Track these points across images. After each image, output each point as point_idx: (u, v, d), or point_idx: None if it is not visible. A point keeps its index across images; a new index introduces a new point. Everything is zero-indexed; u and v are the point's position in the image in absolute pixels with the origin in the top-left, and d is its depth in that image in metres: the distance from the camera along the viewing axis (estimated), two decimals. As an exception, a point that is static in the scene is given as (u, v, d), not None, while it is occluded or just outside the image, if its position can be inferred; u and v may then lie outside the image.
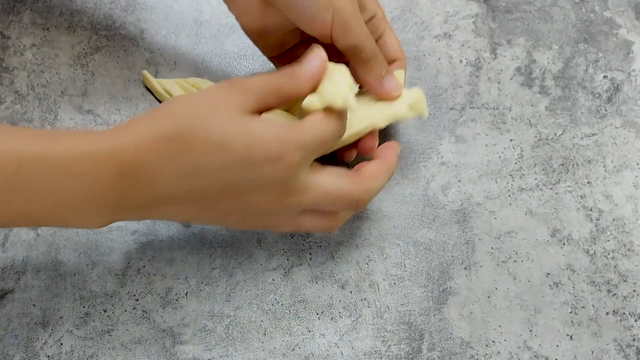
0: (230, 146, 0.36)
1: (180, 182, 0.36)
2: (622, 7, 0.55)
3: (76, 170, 0.35)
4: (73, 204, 0.36)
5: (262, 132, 0.36)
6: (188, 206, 0.38)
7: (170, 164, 0.36)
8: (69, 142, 0.35)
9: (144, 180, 0.36)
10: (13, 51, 0.51)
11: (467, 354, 0.44)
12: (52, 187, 0.35)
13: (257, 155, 0.36)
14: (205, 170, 0.36)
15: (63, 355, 0.43)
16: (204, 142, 0.36)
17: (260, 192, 0.37)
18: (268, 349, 0.43)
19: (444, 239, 0.47)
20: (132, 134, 0.36)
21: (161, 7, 0.54)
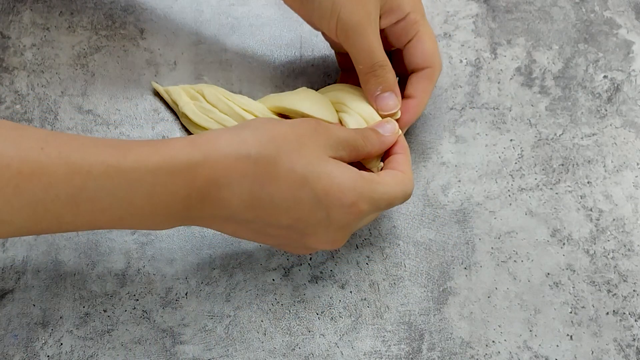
0: (311, 185, 0.36)
1: (253, 206, 0.36)
2: (622, 7, 0.55)
3: (147, 183, 0.34)
4: (141, 215, 0.35)
5: (343, 178, 0.37)
6: (248, 230, 0.38)
7: (248, 186, 0.35)
8: (140, 154, 0.35)
9: (217, 196, 0.35)
10: (13, 51, 0.51)
11: (467, 354, 0.44)
12: (121, 200, 0.34)
13: (333, 198, 0.37)
14: (282, 201, 0.36)
15: (63, 355, 0.43)
16: (288, 173, 0.36)
17: (322, 235, 0.38)
18: (268, 349, 0.43)
19: (444, 239, 0.47)
20: (212, 149, 0.35)
21: (161, 7, 0.54)
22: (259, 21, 0.54)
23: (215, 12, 0.54)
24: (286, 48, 0.53)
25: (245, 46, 0.53)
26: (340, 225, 0.38)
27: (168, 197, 0.35)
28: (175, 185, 0.35)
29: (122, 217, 0.35)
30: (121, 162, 0.34)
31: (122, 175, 0.34)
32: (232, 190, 0.35)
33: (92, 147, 0.34)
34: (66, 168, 0.33)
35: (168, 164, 0.34)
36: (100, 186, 0.34)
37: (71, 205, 0.34)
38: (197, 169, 0.35)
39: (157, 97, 0.50)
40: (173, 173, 0.34)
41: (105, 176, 0.34)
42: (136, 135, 0.49)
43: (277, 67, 0.52)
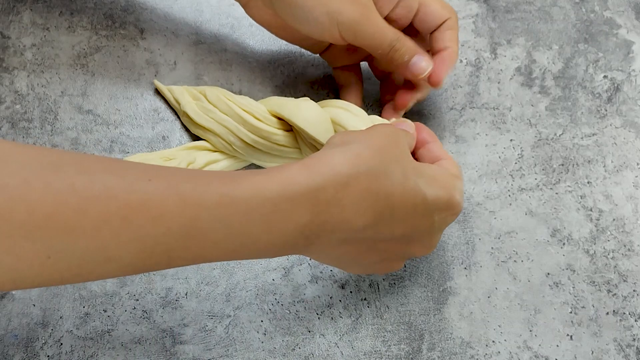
0: (423, 192, 0.36)
1: (375, 222, 0.35)
2: (622, 7, 0.55)
3: (266, 212, 0.32)
4: (255, 246, 0.33)
5: (446, 180, 0.38)
6: (360, 248, 0.37)
7: (370, 203, 0.35)
8: (254, 182, 0.33)
9: (339, 218, 0.34)
10: (13, 51, 0.51)
11: (467, 354, 0.44)
12: (236, 231, 0.32)
13: (442, 202, 0.37)
14: (400, 211, 0.36)
15: (63, 355, 0.43)
16: (403, 182, 0.36)
17: (427, 237, 0.39)
18: (268, 349, 0.43)
19: (444, 239, 0.47)
20: (329, 171, 0.34)
21: (161, 7, 0.54)
22: (259, 21, 0.54)
23: (215, 12, 0.54)
24: (286, 48, 0.53)
25: (245, 46, 0.53)
26: (442, 226, 0.39)
27: (288, 225, 0.33)
28: (296, 213, 0.33)
29: (236, 250, 0.33)
30: (235, 190, 0.32)
31: (238, 204, 0.32)
32: (355, 210, 0.34)
33: (202, 178, 0.33)
34: (176, 198, 0.31)
35: (287, 191, 0.33)
36: (214, 217, 0.31)
37: (183, 239, 0.31)
38: (318, 193, 0.33)
39: (157, 97, 0.50)
40: (293, 200, 0.33)
41: (219, 206, 0.31)
42: (136, 135, 0.49)
43: (277, 67, 0.52)
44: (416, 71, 0.45)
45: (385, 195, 0.35)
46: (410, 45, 0.45)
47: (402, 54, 0.45)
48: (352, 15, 0.43)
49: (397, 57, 0.45)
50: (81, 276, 0.31)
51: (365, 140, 0.36)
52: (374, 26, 0.44)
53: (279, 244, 0.34)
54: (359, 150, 0.35)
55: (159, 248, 0.31)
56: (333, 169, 0.34)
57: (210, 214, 0.31)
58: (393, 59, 0.45)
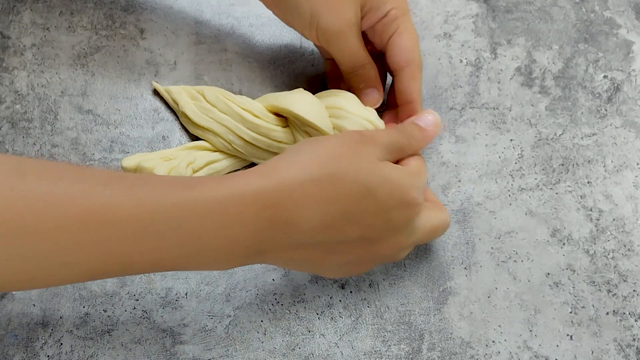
0: (375, 192, 0.37)
1: (324, 225, 0.36)
2: (622, 7, 0.55)
3: (216, 214, 0.34)
4: (209, 251, 0.35)
5: (400, 178, 0.38)
6: (318, 252, 0.38)
7: (317, 207, 0.35)
8: (207, 186, 0.34)
9: (288, 221, 0.35)
10: (13, 51, 0.51)
11: (467, 354, 0.44)
12: (189, 234, 0.33)
13: (396, 200, 0.38)
14: (350, 214, 0.36)
15: (63, 355, 0.43)
16: (353, 186, 0.36)
17: (389, 237, 0.39)
18: (268, 349, 0.43)
19: (444, 239, 0.47)
20: (278, 176, 0.35)
21: (161, 7, 0.54)
22: (259, 21, 0.54)
23: (215, 12, 0.54)
24: (286, 48, 0.53)
25: (245, 46, 0.53)
26: (403, 224, 0.39)
27: (238, 228, 0.34)
28: (245, 215, 0.34)
29: (190, 255, 0.34)
30: (188, 195, 0.33)
31: (190, 207, 0.33)
32: (302, 214, 0.35)
33: (159, 183, 0.34)
34: (133, 203, 0.32)
35: (237, 193, 0.34)
36: (167, 219, 0.33)
37: (138, 243, 0.32)
38: (266, 197, 0.34)
39: (157, 97, 0.50)
40: (243, 202, 0.34)
41: (172, 209, 0.33)
42: (136, 135, 0.49)
43: (277, 67, 0.52)
44: (367, 101, 0.47)
45: (334, 201, 0.36)
46: (372, 75, 0.47)
47: (361, 80, 0.46)
48: (333, 27, 0.44)
49: (354, 81, 0.47)
50: (40, 280, 0.33)
51: (317, 149, 0.37)
52: (349, 45, 0.45)
53: (231, 249, 0.35)
54: (308, 159, 0.36)
55: (116, 252, 0.32)
56: (280, 175, 0.35)
57: (164, 217, 0.33)
58: (351, 81, 0.47)
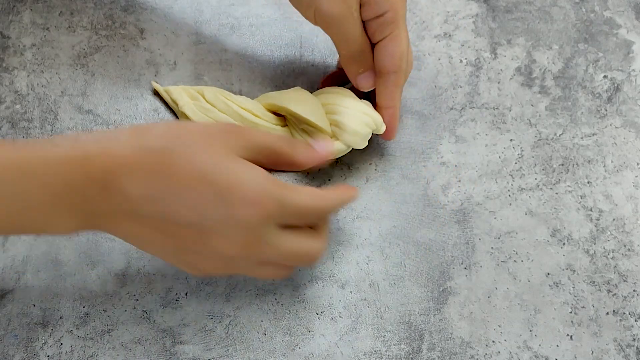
0: (211, 179, 0.35)
1: (152, 198, 0.35)
2: (622, 7, 0.55)
3: (41, 173, 0.34)
4: (40, 207, 0.35)
5: (248, 175, 0.36)
6: (151, 229, 0.36)
7: (145, 178, 0.35)
8: (36, 147, 0.35)
9: (115, 187, 0.35)
10: (13, 51, 0.51)
11: (467, 354, 0.44)
12: (17, 191, 0.34)
13: (236, 195, 0.36)
14: (180, 195, 0.35)
15: (63, 355, 0.43)
16: (187, 166, 0.35)
17: (227, 235, 0.36)
18: (268, 349, 0.43)
19: (444, 239, 0.47)
20: (112, 142, 0.35)
21: (161, 7, 0.54)
22: (259, 21, 0.54)
23: (215, 12, 0.54)
24: (286, 48, 0.53)
25: (245, 46, 0.53)
26: (246, 225, 0.36)
27: (64, 187, 0.34)
28: (70, 174, 0.34)
29: (21, 212, 0.35)
30: (15, 154, 0.34)
31: (16, 165, 0.34)
32: (130, 181, 0.35)
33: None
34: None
35: (63, 153, 0.34)
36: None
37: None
38: (93, 159, 0.35)
39: (157, 97, 0.50)
40: (69, 161, 0.34)
41: (1, 167, 0.34)
42: (136, 135, 0.49)
43: (277, 67, 0.52)
44: (363, 84, 0.46)
45: (163, 175, 0.35)
46: (370, 60, 0.46)
47: (359, 66, 0.46)
48: (332, 10, 0.43)
49: (354, 66, 0.46)
50: None
51: (172, 125, 0.38)
52: (348, 29, 0.44)
53: (62, 209, 0.35)
54: (152, 130, 0.37)
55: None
56: (115, 141, 0.36)
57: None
58: (350, 66, 0.46)
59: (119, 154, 0.35)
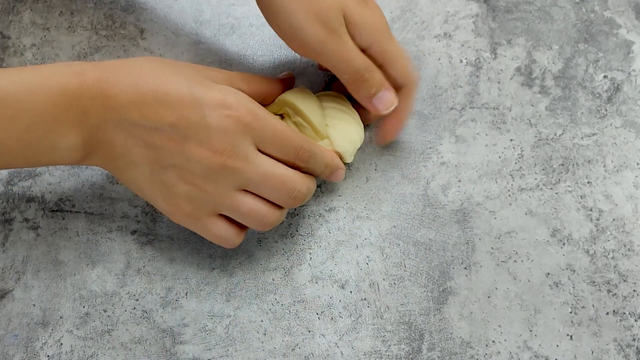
0: (190, 84, 0.38)
1: (137, 102, 0.38)
2: (622, 7, 0.55)
3: (46, 85, 0.37)
4: (45, 121, 0.37)
5: (228, 88, 0.39)
6: (135, 140, 0.38)
7: (134, 84, 0.38)
8: (37, 68, 0.38)
9: (107, 93, 0.38)
10: (13, 51, 0.51)
11: (467, 354, 0.44)
12: (25, 107, 0.37)
13: (211, 97, 0.38)
14: (162, 98, 0.38)
15: (63, 355, 0.43)
16: (171, 76, 0.38)
17: (203, 139, 0.38)
18: (268, 349, 0.43)
19: (444, 239, 0.47)
20: (107, 62, 0.39)
21: (161, 7, 0.54)
22: (259, 21, 0.54)
23: (215, 12, 0.54)
24: (286, 48, 0.53)
25: (245, 46, 0.53)
26: (222, 130, 0.38)
27: (64, 97, 0.37)
28: (68, 84, 0.37)
29: (29, 130, 0.37)
30: (17, 76, 0.37)
31: (20, 85, 0.37)
32: (121, 87, 0.38)
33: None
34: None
35: (61, 69, 0.38)
36: (4, 92, 0.36)
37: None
38: (87, 71, 0.38)
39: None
40: (67, 74, 0.38)
41: (4, 90, 0.36)
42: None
43: (277, 67, 0.52)
44: (382, 105, 0.45)
45: (150, 79, 0.38)
46: (379, 77, 0.44)
47: (371, 85, 0.44)
48: (317, 37, 0.42)
49: (363, 87, 0.44)
50: None
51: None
52: (341, 51, 0.42)
53: (62, 120, 0.37)
54: (141, 58, 0.40)
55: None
56: (107, 62, 0.39)
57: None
58: (359, 89, 0.44)
59: (110, 66, 0.39)
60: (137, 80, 0.38)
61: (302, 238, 0.47)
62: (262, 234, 0.47)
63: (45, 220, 0.47)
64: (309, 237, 0.47)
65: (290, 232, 0.47)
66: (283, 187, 0.40)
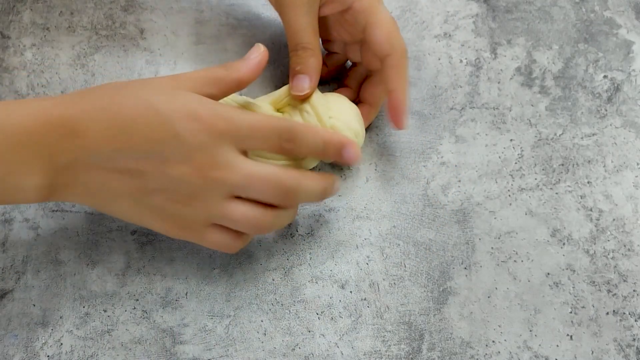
0: (157, 105, 0.37)
1: (107, 135, 0.36)
2: (622, 7, 0.55)
3: (6, 124, 0.36)
4: (4, 157, 0.36)
5: (189, 96, 0.38)
6: (113, 173, 0.37)
7: (99, 118, 0.36)
8: (2, 105, 0.37)
9: (73, 131, 0.36)
10: (13, 51, 0.51)
11: (467, 354, 0.44)
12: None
13: (180, 113, 0.37)
14: (131, 127, 0.36)
15: (63, 355, 0.43)
16: (134, 99, 0.37)
17: (182, 158, 0.37)
18: (268, 349, 0.43)
19: (444, 239, 0.47)
20: (65, 96, 0.38)
21: (161, 7, 0.54)
22: (259, 21, 0.54)
23: (215, 12, 0.54)
24: (286, 48, 0.53)
25: (245, 46, 0.53)
26: (198, 144, 0.37)
27: (27, 136, 0.36)
28: (31, 123, 0.36)
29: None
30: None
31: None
32: (88, 122, 0.36)
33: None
34: None
35: (22, 108, 0.36)
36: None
37: None
38: (51, 108, 0.36)
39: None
40: (29, 113, 0.36)
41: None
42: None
43: (277, 67, 0.52)
44: (295, 86, 0.45)
45: (117, 109, 0.36)
46: (311, 63, 0.44)
47: (298, 62, 0.45)
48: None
49: (292, 61, 0.45)
50: None
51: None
52: (297, 19, 0.44)
53: (27, 160, 0.36)
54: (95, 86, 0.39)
55: None
56: (68, 95, 0.38)
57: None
58: (291, 59, 0.45)
59: (73, 100, 0.37)
60: (102, 113, 0.36)
61: (302, 238, 0.47)
62: (262, 234, 0.47)
63: (45, 220, 0.47)
64: (309, 237, 0.47)
65: (290, 232, 0.47)
66: (269, 184, 0.38)
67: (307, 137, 0.40)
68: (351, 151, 0.41)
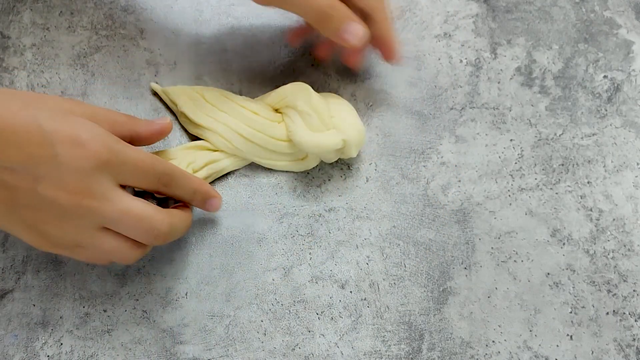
0: (41, 122, 0.35)
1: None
2: (622, 7, 0.55)
3: None
4: None
5: (79, 122, 0.37)
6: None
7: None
8: None
9: None
10: (13, 51, 0.51)
11: (467, 354, 0.44)
12: None
13: (63, 135, 0.36)
14: (9, 137, 0.35)
15: (63, 355, 0.43)
16: (22, 109, 0.35)
17: (56, 180, 0.36)
18: (268, 349, 0.43)
19: (444, 239, 0.47)
20: None
21: (161, 7, 0.54)
22: (259, 21, 0.54)
23: (215, 12, 0.54)
24: (286, 48, 0.53)
25: (245, 46, 0.53)
26: (75, 168, 0.36)
27: None
28: None
29: None
30: None
31: None
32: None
33: None
34: None
35: None
36: None
37: None
38: None
39: (157, 98, 0.50)
40: None
41: None
42: (136, 135, 0.49)
43: (277, 67, 0.52)
44: (352, 37, 0.43)
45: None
46: (344, 11, 0.43)
47: (336, 20, 0.43)
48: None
49: (330, 24, 0.43)
50: None
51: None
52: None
53: None
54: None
55: None
56: None
57: None
58: (326, 26, 0.43)
59: None
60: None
61: (302, 238, 0.47)
62: (262, 234, 0.47)
63: (45, 220, 0.47)
64: (309, 237, 0.47)
65: (290, 232, 0.47)
66: (141, 225, 0.38)
67: (182, 183, 0.41)
68: (214, 202, 0.44)
